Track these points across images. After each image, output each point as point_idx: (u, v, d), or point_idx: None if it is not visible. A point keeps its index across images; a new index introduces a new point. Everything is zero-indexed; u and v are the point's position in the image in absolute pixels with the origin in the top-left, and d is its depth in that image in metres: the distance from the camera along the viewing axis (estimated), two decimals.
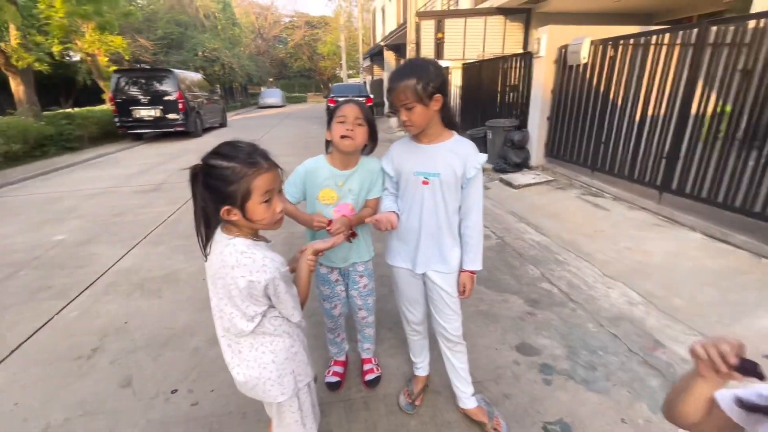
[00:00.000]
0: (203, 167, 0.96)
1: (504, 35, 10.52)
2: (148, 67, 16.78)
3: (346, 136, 1.42)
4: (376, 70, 23.48)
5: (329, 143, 1.52)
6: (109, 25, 11.08)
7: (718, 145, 3.33)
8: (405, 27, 11.94)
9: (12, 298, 2.72)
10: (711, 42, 3.36)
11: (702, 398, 0.68)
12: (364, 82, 22.69)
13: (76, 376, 1.97)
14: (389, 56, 17.79)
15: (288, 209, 1.44)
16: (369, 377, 1.87)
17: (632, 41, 4.11)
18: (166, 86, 10.38)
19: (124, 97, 10.15)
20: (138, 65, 18.77)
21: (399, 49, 16.72)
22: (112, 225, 4.16)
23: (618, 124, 4.36)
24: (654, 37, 3.84)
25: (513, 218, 4.17)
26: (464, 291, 1.52)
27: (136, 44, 18.87)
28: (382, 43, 17.71)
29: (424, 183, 1.41)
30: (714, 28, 3.33)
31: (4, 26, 9.14)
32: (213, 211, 0.98)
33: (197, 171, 0.97)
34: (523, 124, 5.95)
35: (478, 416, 1.63)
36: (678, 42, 3.63)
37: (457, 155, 1.39)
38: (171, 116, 10.42)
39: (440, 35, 10.97)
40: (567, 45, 5.01)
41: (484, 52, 10.23)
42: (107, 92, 10.94)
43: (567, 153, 5.30)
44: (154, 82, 10.43)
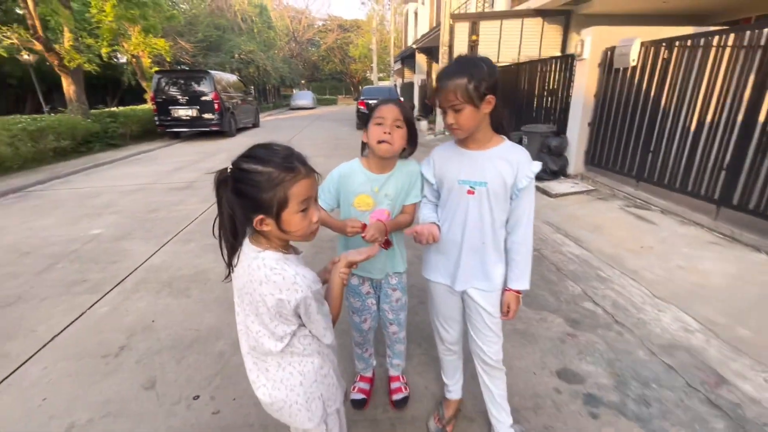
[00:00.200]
0: (234, 171, 0.87)
1: (541, 38, 10.20)
2: (187, 69, 17.47)
3: (384, 141, 1.32)
4: (407, 73, 23.45)
5: (365, 145, 1.42)
6: (153, 29, 11.59)
7: None
8: (438, 29, 11.78)
9: (48, 291, 2.79)
10: None
11: None
12: (395, 85, 22.69)
13: (103, 374, 1.96)
14: (421, 59, 17.71)
15: (321, 217, 1.35)
16: (397, 396, 1.75)
17: (689, 42, 3.79)
18: (203, 87, 10.72)
19: (164, 97, 10.56)
20: (178, 66, 19.59)
21: (431, 52, 16.61)
22: (146, 221, 4.26)
23: (670, 132, 4.03)
24: (716, 38, 3.52)
25: (549, 229, 3.94)
26: (508, 312, 1.39)
27: (177, 46, 19.70)
28: (414, 46, 17.64)
29: (470, 192, 1.28)
30: None
31: (59, 29, 9.72)
32: (243, 220, 0.89)
33: (226, 175, 0.88)
34: (562, 130, 5.66)
35: None
36: (744, 44, 3.30)
37: (508, 163, 1.25)
38: (207, 116, 10.74)
39: (474, 37, 10.76)
40: (613, 47, 4.71)
41: (520, 55, 9.95)
42: (149, 92, 11.44)
43: (609, 161, 4.98)
44: (192, 83, 10.80)
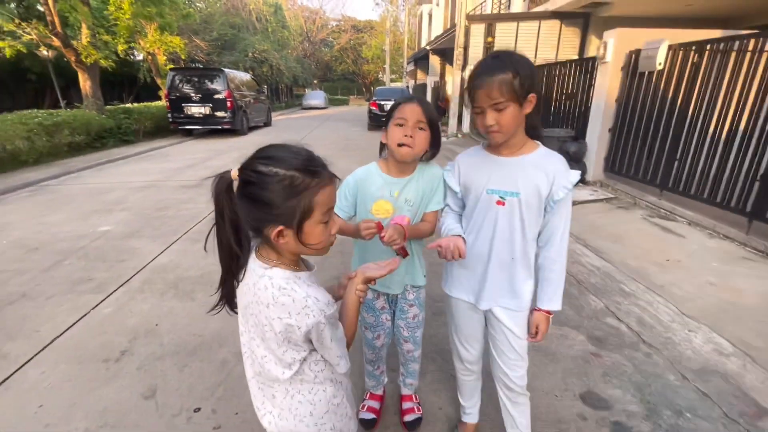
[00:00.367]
0: (248, 174, 0.75)
1: (558, 40, 10.00)
2: (201, 66, 17.61)
3: (404, 144, 1.21)
4: (420, 75, 23.34)
5: (384, 146, 1.31)
6: (169, 26, 11.68)
7: None
8: (452, 31, 11.64)
9: (54, 288, 2.74)
10: None
11: None
12: (407, 86, 22.58)
13: (103, 380, 1.88)
14: (434, 60, 17.59)
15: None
16: (409, 417, 1.63)
17: (722, 46, 3.60)
18: (217, 85, 10.73)
19: (178, 95, 10.61)
20: (193, 64, 19.76)
21: (445, 54, 16.48)
22: (155, 219, 4.21)
23: (699, 139, 3.84)
24: (752, 42, 3.33)
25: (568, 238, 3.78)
26: (536, 333, 1.26)
27: (192, 44, 19.86)
28: (428, 48, 17.52)
29: (499, 203, 1.16)
30: None
31: (77, 26, 9.84)
32: (253, 231, 0.78)
33: (229, 179, 0.76)
34: (581, 135, 5.48)
35: None
36: None
37: (544, 172, 1.12)
38: (219, 114, 10.76)
39: (490, 39, 10.60)
40: (638, 50, 4.53)
41: (536, 58, 9.75)
42: (163, 89, 11.53)
43: (631, 169, 4.79)
44: (206, 81, 10.83)
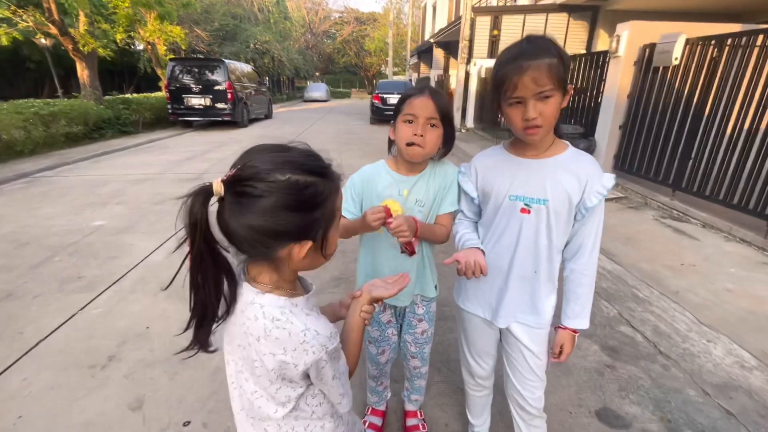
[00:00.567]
0: (255, 186, 0.60)
1: (566, 34, 9.80)
2: (202, 57, 17.38)
3: (414, 143, 1.07)
4: (423, 68, 23.04)
5: (392, 142, 1.18)
6: (169, 15, 11.44)
7: None
8: (457, 23, 11.40)
9: (42, 287, 2.62)
10: None
11: None
12: (410, 80, 22.31)
13: (87, 389, 1.77)
14: (438, 54, 17.34)
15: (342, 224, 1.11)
16: None
17: (743, 41, 3.43)
18: (217, 76, 10.55)
19: (178, 85, 10.43)
20: (193, 55, 19.50)
21: (449, 47, 16.23)
22: (151, 213, 4.09)
23: (716, 138, 3.69)
24: None
25: None
26: (560, 354, 1.12)
27: (193, 34, 19.59)
28: (432, 41, 17.25)
29: (524, 211, 1.02)
30: None
31: (75, 13, 9.63)
32: (257, 255, 0.67)
33: (212, 192, 0.63)
34: (590, 132, 5.33)
35: None
36: None
37: (576, 176, 0.99)
38: (219, 105, 10.58)
39: (496, 32, 10.39)
40: (652, 44, 4.36)
41: None
42: (163, 80, 11.35)
43: (642, 167, 4.64)
44: (206, 72, 10.64)
